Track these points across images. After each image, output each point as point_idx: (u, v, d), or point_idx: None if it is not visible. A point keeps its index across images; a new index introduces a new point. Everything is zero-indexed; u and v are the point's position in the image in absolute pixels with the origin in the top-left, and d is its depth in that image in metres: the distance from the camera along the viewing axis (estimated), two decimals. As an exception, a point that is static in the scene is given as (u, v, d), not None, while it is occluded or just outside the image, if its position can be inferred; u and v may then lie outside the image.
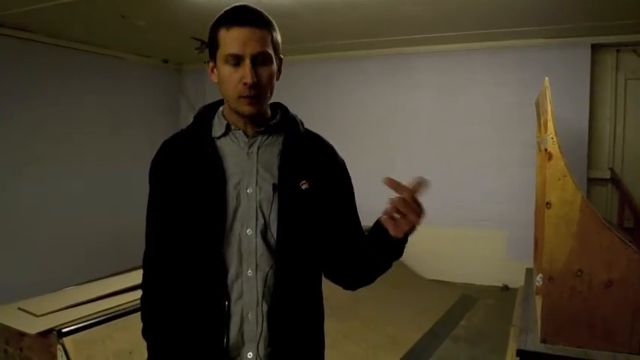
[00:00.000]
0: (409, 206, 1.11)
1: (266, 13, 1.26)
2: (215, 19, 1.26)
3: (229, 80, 1.22)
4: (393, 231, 1.14)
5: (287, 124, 1.35)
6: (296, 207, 1.27)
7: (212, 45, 1.26)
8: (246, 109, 1.23)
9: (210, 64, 1.29)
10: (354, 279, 1.37)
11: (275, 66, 1.27)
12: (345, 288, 1.41)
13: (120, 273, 3.79)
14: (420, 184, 1.11)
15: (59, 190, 5.56)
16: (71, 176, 5.71)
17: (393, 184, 1.11)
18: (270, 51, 1.24)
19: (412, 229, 1.14)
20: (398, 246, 1.21)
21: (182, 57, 6.97)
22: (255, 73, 1.20)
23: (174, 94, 7.43)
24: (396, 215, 1.12)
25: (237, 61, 1.20)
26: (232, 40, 1.20)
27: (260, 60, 1.21)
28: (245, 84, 1.19)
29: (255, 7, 1.25)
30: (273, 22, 1.27)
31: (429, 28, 5.22)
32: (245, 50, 1.19)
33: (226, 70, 1.22)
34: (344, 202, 1.39)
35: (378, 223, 1.20)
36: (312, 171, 1.31)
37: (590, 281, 2.69)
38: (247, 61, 1.20)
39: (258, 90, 1.22)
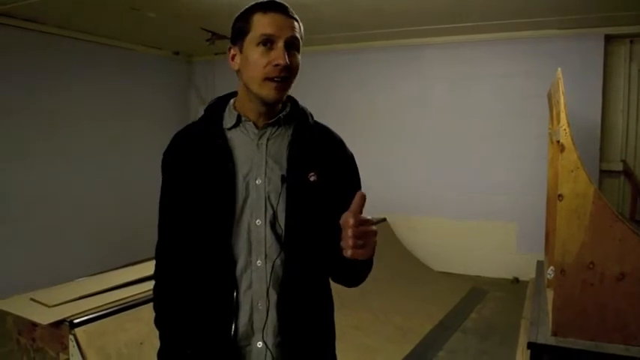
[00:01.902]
0: (365, 230, 1.09)
1: None
2: (246, 8, 1.26)
3: (258, 62, 1.21)
4: (362, 257, 1.11)
5: (296, 116, 1.35)
6: (304, 198, 1.27)
7: (241, 30, 1.25)
8: (271, 93, 1.22)
9: (232, 51, 1.29)
10: (351, 277, 1.33)
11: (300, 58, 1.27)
12: (351, 286, 1.37)
13: (131, 264, 3.81)
14: (360, 200, 1.09)
15: (70, 181, 5.60)
16: (82, 167, 5.74)
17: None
18: (300, 41, 1.26)
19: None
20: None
21: (192, 49, 6.97)
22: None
23: (184, 86, 7.45)
24: (359, 242, 1.08)
25: (270, 42, 1.21)
26: (269, 22, 1.21)
27: (292, 46, 1.23)
28: (277, 65, 1.19)
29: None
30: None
31: (441, 18, 5.18)
32: (281, 33, 1.21)
33: (257, 51, 1.21)
34: (350, 197, 1.37)
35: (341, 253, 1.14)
36: (321, 163, 1.31)
37: (602, 274, 2.67)
38: (281, 44, 1.20)
39: (289, 73, 1.23)
